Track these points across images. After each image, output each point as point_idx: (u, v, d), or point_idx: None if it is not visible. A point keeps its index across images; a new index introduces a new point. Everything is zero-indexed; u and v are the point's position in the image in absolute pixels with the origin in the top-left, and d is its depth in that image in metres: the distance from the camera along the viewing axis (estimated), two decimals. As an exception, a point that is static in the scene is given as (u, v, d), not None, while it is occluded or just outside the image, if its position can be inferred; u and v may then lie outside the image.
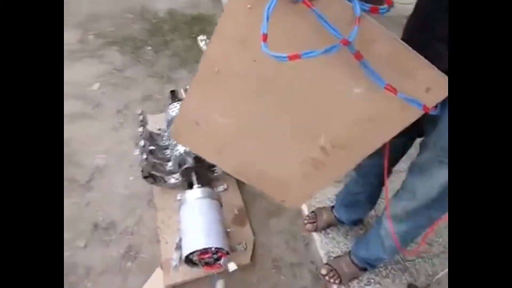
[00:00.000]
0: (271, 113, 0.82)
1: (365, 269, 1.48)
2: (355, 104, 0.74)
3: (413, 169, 1.04)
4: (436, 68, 0.65)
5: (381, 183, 1.31)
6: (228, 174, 1.39)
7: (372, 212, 1.59)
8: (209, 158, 0.99)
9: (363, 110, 0.74)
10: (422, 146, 0.99)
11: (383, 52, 0.64)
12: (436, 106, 0.71)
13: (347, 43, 0.57)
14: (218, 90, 0.81)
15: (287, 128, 0.84)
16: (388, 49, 0.63)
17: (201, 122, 0.89)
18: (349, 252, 1.50)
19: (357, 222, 1.62)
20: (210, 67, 0.78)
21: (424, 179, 0.97)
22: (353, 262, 1.47)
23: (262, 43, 0.57)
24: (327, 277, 1.48)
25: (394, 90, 0.65)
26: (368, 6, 0.60)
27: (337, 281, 1.47)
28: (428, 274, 1.56)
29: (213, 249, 1.30)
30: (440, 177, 0.89)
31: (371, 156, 1.24)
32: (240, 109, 0.85)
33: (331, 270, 1.49)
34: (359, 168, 1.31)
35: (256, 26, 0.60)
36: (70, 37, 2.61)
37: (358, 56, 0.61)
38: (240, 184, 1.81)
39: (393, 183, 1.25)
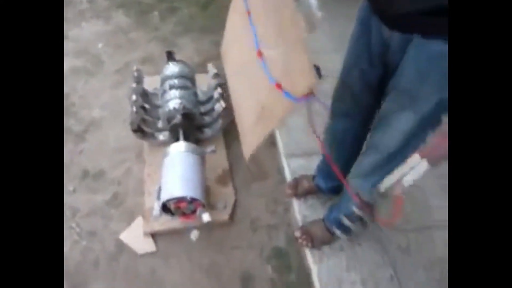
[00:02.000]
0: (246, 58, 0.90)
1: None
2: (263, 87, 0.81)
3: (375, 124, 1.06)
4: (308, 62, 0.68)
5: (358, 148, 1.34)
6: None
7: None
8: (227, 75, 1.08)
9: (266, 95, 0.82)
10: (382, 99, 1.01)
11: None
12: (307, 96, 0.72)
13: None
14: (235, 24, 0.97)
15: (252, 76, 0.91)
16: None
17: (231, 42, 1.01)
18: (323, 218, 1.54)
19: (336, 190, 1.64)
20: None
21: (385, 129, 0.98)
22: (326, 228, 1.51)
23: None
24: (300, 240, 1.52)
25: (279, 87, 0.72)
26: None
27: (309, 245, 1.51)
28: (401, 247, 1.59)
29: (188, 198, 1.35)
30: (399, 124, 0.90)
31: (343, 121, 1.27)
32: (236, 46, 0.96)
33: (304, 233, 1.53)
34: (333, 135, 1.33)
35: None
36: (80, -3, 2.67)
37: (259, 53, 0.71)
38: (227, 146, 1.86)
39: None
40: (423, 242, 1.61)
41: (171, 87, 1.71)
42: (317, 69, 0.66)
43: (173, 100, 1.65)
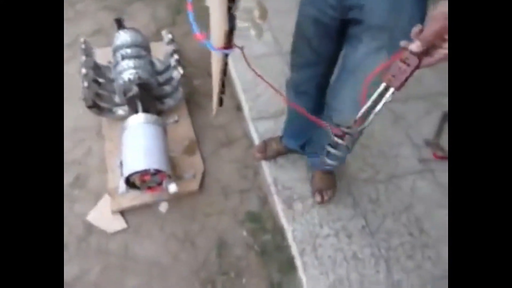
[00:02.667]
0: None
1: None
2: None
3: (344, 76, 1.04)
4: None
5: (322, 94, 1.32)
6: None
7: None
8: None
9: None
10: (350, 49, 0.99)
11: None
12: (226, 48, 0.70)
13: None
14: None
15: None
16: None
17: None
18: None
19: (305, 147, 1.63)
20: None
21: (360, 80, 0.96)
22: (327, 172, 1.56)
23: None
24: (322, 201, 1.55)
25: (200, 37, 0.69)
26: None
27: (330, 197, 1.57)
28: (371, 198, 1.62)
29: (151, 170, 1.31)
30: (373, 68, 0.90)
31: (303, 73, 1.23)
32: None
33: (320, 193, 1.55)
34: (295, 88, 1.29)
35: None
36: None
37: (189, 5, 0.68)
38: (192, 115, 1.80)
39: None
40: (391, 192, 1.65)
41: (124, 57, 1.61)
42: (231, 18, 0.63)
43: (127, 71, 1.55)
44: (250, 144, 1.76)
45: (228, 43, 0.71)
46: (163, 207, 1.51)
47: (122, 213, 1.50)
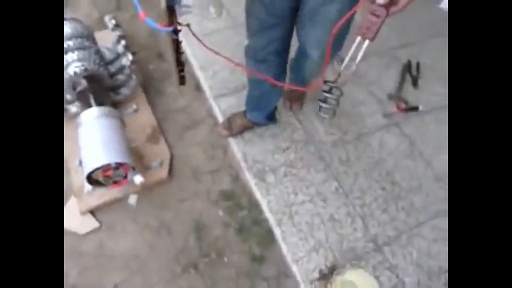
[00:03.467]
0: None
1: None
2: None
3: (304, 24, 1.06)
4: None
5: (281, 61, 1.29)
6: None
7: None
8: None
9: None
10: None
11: None
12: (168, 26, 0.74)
13: None
14: None
15: None
16: None
17: None
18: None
19: (270, 117, 1.61)
20: None
21: (317, 24, 1.01)
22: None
23: None
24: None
25: (143, 16, 0.69)
26: None
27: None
28: (342, 159, 1.64)
29: (112, 164, 1.26)
30: (332, 15, 0.94)
31: (260, 35, 1.18)
32: None
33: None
34: (253, 55, 1.25)
35: None
36: None
37: None
38: (151, 102, 1.73)
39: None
40: (361, 150, 1.67)
41: (66, 50, 1.50)
42: None
43: (72, 64, 1.46)
44: (215, 123, 1.72)
45: (170, 21, 0.72)
46: (133, 199, 1.47)
47: (92, 212, 1.45)
